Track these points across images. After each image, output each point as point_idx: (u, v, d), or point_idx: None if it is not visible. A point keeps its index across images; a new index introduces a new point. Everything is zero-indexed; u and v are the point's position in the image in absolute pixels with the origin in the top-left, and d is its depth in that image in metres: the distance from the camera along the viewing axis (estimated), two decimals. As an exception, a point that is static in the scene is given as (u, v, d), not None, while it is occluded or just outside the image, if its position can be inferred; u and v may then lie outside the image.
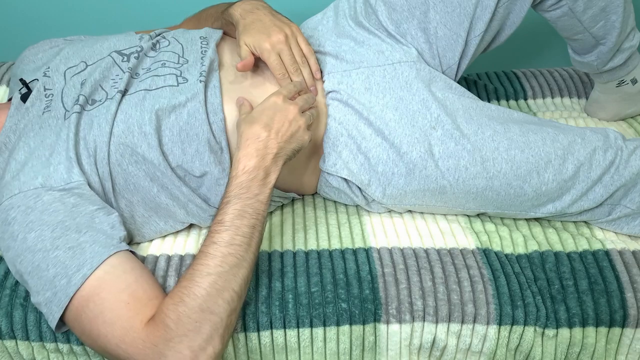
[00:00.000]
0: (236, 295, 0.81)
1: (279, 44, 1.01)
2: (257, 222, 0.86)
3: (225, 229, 0.84)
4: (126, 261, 0.85)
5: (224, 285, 0.80)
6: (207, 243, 0.84)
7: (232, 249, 0.83)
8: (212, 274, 0.81)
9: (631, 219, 1.05)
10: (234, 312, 0.82)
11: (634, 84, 1.24)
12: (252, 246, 0.85)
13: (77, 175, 0.90)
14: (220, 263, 0.81)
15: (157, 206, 0.97)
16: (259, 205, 0.87)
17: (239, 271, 0.82)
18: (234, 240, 0.83)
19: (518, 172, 1.00)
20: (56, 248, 0.83)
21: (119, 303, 0.80)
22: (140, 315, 0.80)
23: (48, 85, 1.00)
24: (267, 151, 0.89)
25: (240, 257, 0.83)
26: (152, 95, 0.96)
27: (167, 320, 0.78)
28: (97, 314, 0.80)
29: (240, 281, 0.82)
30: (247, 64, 1.01)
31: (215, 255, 0.82)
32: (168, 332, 0.77)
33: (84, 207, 0.88)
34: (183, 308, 0.78)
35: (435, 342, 0.95)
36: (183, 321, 0.77)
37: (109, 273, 0.82)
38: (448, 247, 1.02)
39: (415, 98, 1.03)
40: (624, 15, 1.11)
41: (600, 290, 0.96)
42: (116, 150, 0.92)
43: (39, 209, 0.86)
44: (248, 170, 0.88)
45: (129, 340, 0.78)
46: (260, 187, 0.88)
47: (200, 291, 0.79)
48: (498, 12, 1.08)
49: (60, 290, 0.82)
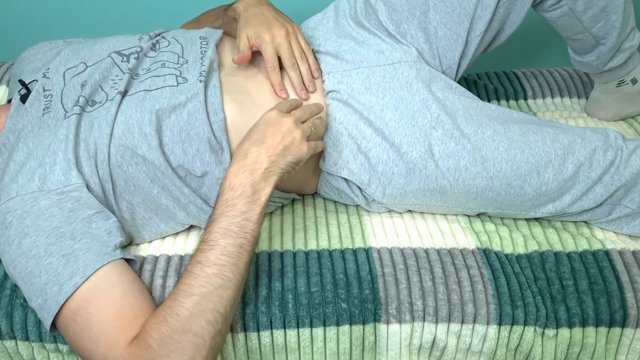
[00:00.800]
0: (221, 317, 0.79)
1: (279, 37, 1.01)
2: (245, 241, 0.83)
3: (210, 248, 0.82)
4: (116, 273, 0.84)
5: (207, 306, 0.78)
6: (192, 262, 0.82)
7: (217, 269, 0.80)
8: (195, 294, 0.78)
9: (631, 219, 1.05)
10: (219, 334, 0.79)
11: (634, 84, 1.24)
12: (239, 266, 0.82)
13: (75, 177, 0.89)
14: (204, 283, 0.79)
15: (157, 207, 0.97)
16: (246, 224, 0.84)
17: (224, 292, 0.80)
18: (219, 260, 0.81)
19: (518, 172, 1.00)
20: (50, 255, 0.83)
21: (105, 319, 0.80)
22: (125, 333, 0.79)
23: (47, 86, 0.99)
24: (255, 167, 0.86)
25: (226, 277, 0.80)
26: (152, 95, 0.95)
27: (150, 340, 0.77)
28: (83, 328, 0.80)
29: (226, 303, 0.80)
30: (243, 57, 1.01)
31: (199, 275, 0.80)
32: (150, 352, 0.76)
33: (81, 212, 0.87)
34: (166, 328, 0.77)
35: (435, 342, 0.95)
36: (165, 342, 0.76)
37: (98, 287, 0.81)
38: (448, 247, 1.02)
39: (416, 98, 1.03)
40: (624, 15, 1.11)
41: (600, 290, 0.96)
42: (116, 151, 0.92)
43: (35, 214, 0.86)
44: (233, 186, 0.85)
45: (112, 357, 0.78)
46: (249, 205, 0.85)
47: (182, 312, 0.77)
48: (498, 12, 1.08)
49: (50, 297, 0.81)
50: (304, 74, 1.04)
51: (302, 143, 0.91)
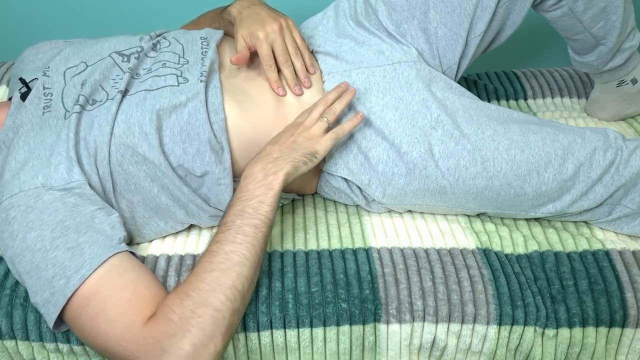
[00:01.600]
0: (239, 294, 0.82)
1: (273, 33, 1.01)
2: (260, 222, 0.87)
3: (227, 228, 0.86)
4: (126, 261, 0.85)
5: (225, 281, 0.81)
6: (212, 242, 0.86)
7: (234, 247, 0.84)
8: (215, 270, 0.82)
9: (631, 219, 1.05)
10: (237, 313, 0.82)
11: (634, 84, 1.24)
12: (255, 246, 0.85)
13: (78, 175, 0.90)
14: (222, 260, 0.82)
15: (157, 206, 0.97)
16: (259, 206, 0.88)
17: (241, 269, 0.83)
18: (236, 239, 0.84)
19: (518, 172, 1.00)
20: (55, 248, 0.83)
21: (121, 300, 0.81)
22: (142, 312, 0.80)
23: (47, 84, 1.00)
24: (268, 158, 0.92)
25: (242, 255, 0.84)
26: (153, 95, 0.96)
27: (172, 314, 0.78)
28: (98, 311, 0.80)
29: (243, 280, 0.83)
30: (240, 58, 1.01)
31: (217, 252, 0.83)
32: (172, 326, 0.77)
33: (84, 207, 0.88)
34: (188, 302, 0.79)
35: (435, 342, 0.95)
36: (187, 315, 0.78)
37: (110, 272, 0.83)
38: (448, 247, 1.02)
39: (416, 98, 1.03)
40: (624, 16, 1.11)
41: (600, 290, 0.96)
42: (117, 150, 0.92)
43: (39, 209, 0.86)
44: (247, 175, 0.91)
45: (130, 337, 0.78)
46: (261, 189, 0.89)
47: (203, 286, 0.80)
48: (498, 12, 1.08)
49: (58, 290, 0.82)
50: (298, 70, 1.04)
51: (316, 140, 0.95)
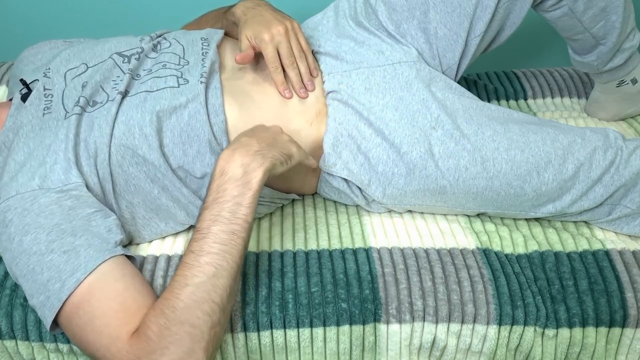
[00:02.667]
0: (217, 307, 0.78)
1: (278, 35, 1.01)
2: (238, 227, 0.82)
3: (202, 236, 0.81)
4: (119, 267, 0.84)
5: (202, 296, 0.77)
6: (186, 252, 0.81)
7: (209, 258, 0.79)
8: (190, 284, 0.78)
9: (631, 219, 1.05)
10: (217, 325, 0.79)
11: (634, 84, 1.24)
12: (234, 254, 0.81)
13: (75, 176, 0.90)
14: (197, 273, 0.78)
15: (157, 207, 0.97)
16: (237, 209, 0.82)
17: (218, 281, 0.79)
18: (212, 249, 0.80)
19: (518, 172, 1.00)
20: (51, 251, 0.83)
21: (109, 311, 0.80)
22: (128, 326, 0.79)
23: (48, 85, 1.00)
24: (245, 149, 0.86)
25: (219, 266, 0.79)
26: (153, 96, 0.96)
27: (149, 332, 0.77)
28: (86, 321, 0.80)
29: (221, 292, 0.79)
30: (245, 57, 1.01)
31: (192, 265, 0.79)
32: (150, 344, 0.76)
33: (80, 210, 0.87)
34: (163, 320, 0.77)
35: (435, 342, 0.95)
36: (163, 334, 0.76)
37: (101, 280, 0.82)
38: (448, 247, 1.02)
39: (415, 98, 1.03)
40: (624, 16, 1.11)
41: (600, 290, 0.96)
42: (117, 151, 0.92)
43: (35, 212, 0.86)
44: (224, 171, 0.84)
45: (115, 350, 0.78)
46: (239, 188, 0.83)
47: (178, 303, 0.77)
48: (498, 13, 1.08)
49: (53, 294, 0.81)
50: (302, 73, 1.04)
51: (290, 143, 0.93)
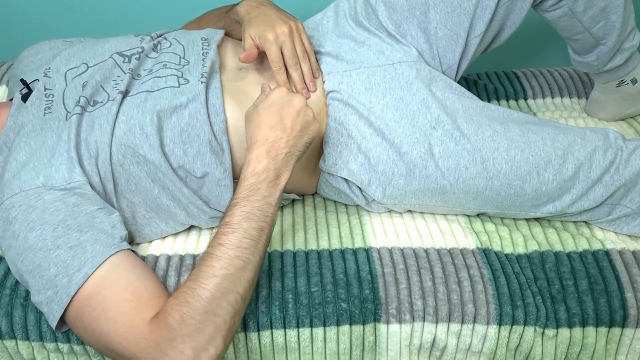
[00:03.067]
0: (240, 298, 0.81)
1: (282, 35, 1.01)
2: (265, 224, 0.85)
3: (233, 231, 0.83)
4: (128, 259, 0.85)
5: (229, 287, 0.80)
6: (213, 244, 0.83)
7: (239, 252, 0.82)
8: (218, 275, 0.80)
9: (631, 219, 1.05)
10: (238, 314, 0.82)
11: (634, 84, 1.24)
12: (259, 249, 0.84)
13: (79, 175, 0.90)
14: (226, 265, 0.81)
15: (158, 207, 0.97)
16: (267, 208, 0.86)
17: (244, 274, 0.82)
18: (241, 243, 0.83)
19: (518, 172, 1.00)
20: (57, 247, 0.83)
21: (122, 301, 0.81)
22: (143, 313, 0.80)
23: (48, 85, 1.00)
24: (277, 152, 0.88)
25: (247, 259, 0.82)
26: (154, 96, 0.96)
27: (171, 320, 0.78)
28: (99, 311, 0.81)
29: (246, 284, 0.82)
30: (249, 55, 1.01)
31: (221, 257, 0.81)
32: (171, 331, 0.77)
33: (85, 207, 0.88)
34: (187, 309, 0.78)
35: (435, 342, 0.95)
36: (186, 322, 0.77)
37: (111, 271, 0.83)
38: (448, 247, 1.02)
39: (416, 98, 1.03)
40: (624, 16, 1.11)
41: (600, 290, 0.96)
42: (118, 151, 0.92)
43: (40, 208, 0.86)
44: (257, 172, 0.87)
45: (132, 338, 0.79)
46: (270, 189, 0.87)
47: (204, 293, 0.79)
48: (498, 12, 1.08)
49: (61, 289, 0.82)
50: (305, 74, 1.04)
51: (315, 120, 0.92)
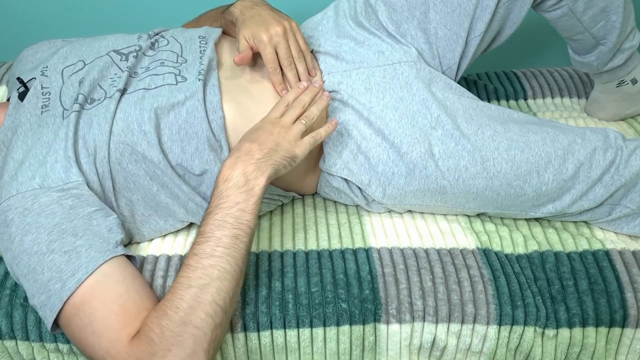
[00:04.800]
0: (220, 309, 0.79)
1: (277, 36, 1.01)
2: (240, 232, 0.83)
3: (206, 240, 0.82)
4: (120, 269, 0.84)
5: (205, 298, 0.78)
6: (189, 255, 0.82)
7: (213, 261, 0.80)
8: (193, 286, 0.79)
9: (631, 219, 1.05)
10: (219, 327, 0.80)
11: (634, 84, 1.24)
12: (236, 257, 0.82)
13: (76, 175, 0.90)
14: (201, 275, 0.79)
15: (157, 205, 0.97)
16: (241, 215, 0.84)
17: (221, 284, 0.80)
18: (215, 252, 0.81)
19: (518, 172, 1.00)
20: (52, 252, 0.83)
21: (109, 314, 0.80)
22: (128, 328, 0.79)
23: (45, 83, 0.99)
24: (247, 157, 0.87)
25: (222, 269, 0.80)
26: (151, 94, 0.96)
27: (151, 334, 0.77)
28: (86, 323, 0.80)
29: (224, 294, 0.80)
30: (244, 57, 1.01)
31: (196, 267, 0.80)
32: (152, 346, 0.77)
33: (81, 209, 0.88)
34: (166, 321, 0.77)
35: (435, 342, 0.95)
36: (166, 335, 0.77)
37: (102, 282, 0.82)
38: (448, 247, 1.02)
39: (415, 98, 1.03)
40: (624, 16, 1.11)
41: (600, 290, 0.96)
42: (116, 149, 0.92)
43: (36, 211, 0.86)
44: (227, 178, 0.86)
45: (115, 352, 0.78)
46: (242, 195, 0.85)
47: (181, 304, 0.78)
48: (498, 13, 1.08)
49: (54, 294, 0.81)
50: (301, 73, 1.04)
51: (295, 143, 0.91)
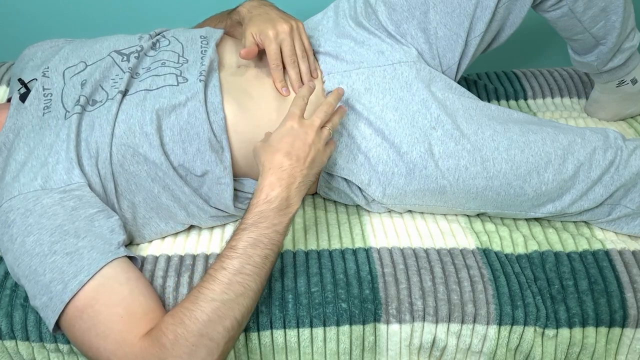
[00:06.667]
0: (237, 324, 0.80)
1: (283, 33, 1.01)
2: (271, 252, 0.84)
3: (237, 255, 0.82)
4: (123, 271, 0.85)
5: (226, 312, 0.79)
6: (216, 267, 0.82)
7: (240, 278, 0.81)
8: (217, 300, 0.79)
9: (631, 219, 1.05)
10: (232, 340, 0.81)
11: (634, 84, 1.24)
12: (262, 276, 0.83)
13: (78, 176, 0.90)
14: (226, 290, 0.80)
15: (158, 207, 0.97)
16: (275, 236, 0.85)
17: (244, 300, 0.81)
18: (244, 269, 0.82)
19: (518, 172, 1.00)
20: (54, 253, 0.83)
21: (113, 316, 0.80)
22: (135, 330, 0.79)
23: (47, 85, 0.99)
24: (291, 180, 0.87)
25: (247, 286, 0.81)
26: (153, 95, 0.96)
27: (164, 339, 0.77)
28: (90, 325, 0.80)
29: (244, 310, 0.81)
30: (250, 52, 1.01)
31: (222, 281, 0.80)
32: (163, 351, 0.77)
33: (83, 211, 0.88)
34: (182, 330, 0.77)
35: (435, 342, 0.95)
36: (180, 343, 0.77)
37: (104, 285, 0.82)
38: (448, 247, 1.02)
39: (415, 98, 1.03)
40: (624, 16, 1.11)
41: (600, 290, 0.96)
42: (118, 151, 0.92)
43: (38, 212, 0.86)
44: (270, 199, 0.86)
45: (121, 354, 0.78)
46: (280, 217, 0.86)
47: (202, 316, 0.78)
48: (498, 13, 1.08)
49: (55, 295, 0.81)
50: (303, 73, 1.04)
51: (324, 153, 0.93)
